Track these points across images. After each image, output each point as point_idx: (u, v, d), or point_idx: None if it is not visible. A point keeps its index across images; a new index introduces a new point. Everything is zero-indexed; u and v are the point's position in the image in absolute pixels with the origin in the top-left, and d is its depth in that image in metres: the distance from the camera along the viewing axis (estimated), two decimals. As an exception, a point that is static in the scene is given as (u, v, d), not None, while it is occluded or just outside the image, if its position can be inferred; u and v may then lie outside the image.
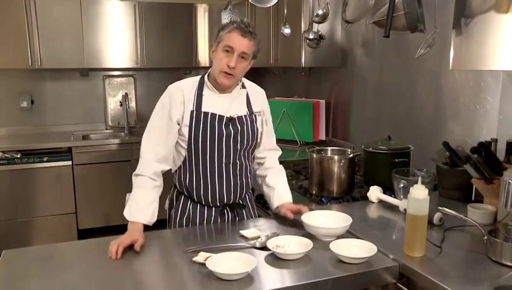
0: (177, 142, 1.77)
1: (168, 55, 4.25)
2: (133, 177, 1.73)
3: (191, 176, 1.79)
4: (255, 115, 1.84)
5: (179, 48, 4.29)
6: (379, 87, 2.77)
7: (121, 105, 4.47)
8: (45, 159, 3.70)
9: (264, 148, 1.95)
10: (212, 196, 1.80)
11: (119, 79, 4.50)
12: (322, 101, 3.35)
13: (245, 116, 1.80)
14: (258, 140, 1.90)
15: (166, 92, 1.77)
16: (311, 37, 2.80)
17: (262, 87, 2.00)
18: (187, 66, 4.42)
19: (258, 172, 1.98)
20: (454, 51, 1.68)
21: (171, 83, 1.82)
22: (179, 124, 1.74)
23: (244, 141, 1.80)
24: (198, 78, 1.80)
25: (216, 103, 1.75)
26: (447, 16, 1.85)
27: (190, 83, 1.78)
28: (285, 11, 2.86)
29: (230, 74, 1.69)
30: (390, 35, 1.89)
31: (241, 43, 1.67)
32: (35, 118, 4.26)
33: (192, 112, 1.73)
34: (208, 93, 1.76)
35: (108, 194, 3.86)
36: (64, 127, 4.34)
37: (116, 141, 3.96)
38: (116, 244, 1.50)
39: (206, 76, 1.79)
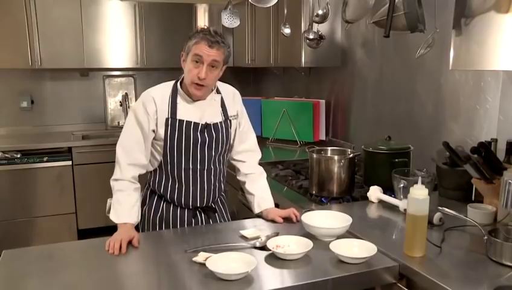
0: (154, 146, 1.79)
1: (168, 55, 4.25)
2: (112, 182, 1.75)
3: (167, 180, 1.82)
4: (230, 121, 1.85)
5: (179, 48, 4.22)
6: (379, 87, 2.77)
7: (121, 105, 4.47)
8: (45, 159, 3.70)
9: (242, 149, 1.94)
10: (185, 199, 1.83)
11: (119, 79, 4.50)
12: (322, 101, 3.35)
13: (220, 122, 1.81)
14: (231, 143, 1.91)
15: (138, 100, 1.78)
16: (311, 37, 2.80)
17: (262, 87, 2.01)
18: (187, 66, 4.42)
19: (238, 177, 1.99)
20: (454, 51, 1.68)
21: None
22: (154, 131, 1.75)
23: (219, 147, 1.82)
24: (171, 84, 1.80)
25: (190, 111, 1.76)
26: (447, 16, 1.85)
27: (163, 90, 1.78)
28: (285, 11, 2.86)
29: (201, 85, 1.69)
30: (390, 35, 1.89)
31: (209, 53, 1.65)
32: (35, 118, 4.26)
33: (167, 119, 1.73)
34: (182, 101, 1.76)
35: (108, 194, 3.84)
36: (64, 127, 4.34)
37: (116, 141, 3.93)
38: (118, 241, 1.52)
39: (178, 83, 1.78)
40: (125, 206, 1.69)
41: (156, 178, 1.84)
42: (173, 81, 1.81)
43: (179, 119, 1.74)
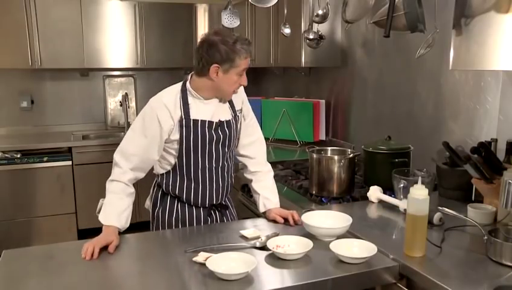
0: (166, 149, 1.77)
1: (168, 55, 4.25)
2: (108, 183, 1.71)
3: (182, 181, 1.81)
4: (238, 116, 1.87)
5: (179, 48, 4.29)
6: (379, 87, 2.77)
7: (121, 105, 4.47)
8: (45, 159, 3.70)
9: (249, 142, 1.94)
10: (202, 198, 1.84)
11: (119, 79, 4.50)
12: (322, 101, 3.35)
13: (231, 119, 1.83)
14: (238, 137, 1.93)
15: (148, 107, 1.73)
16: (311, 37, 2.80)
17: (262, 87, 2.02)
18: (187, 66, 4.41)
19: (245, 174, 1.99)
20: (454, 51, 1.68)
21: (171, 83, 1.82)
22: (166, 139, 1.73)
23: (231, 143, 1.85)
24: (178, 86, 1.77)
25: (203, 110, 1.76)
26: (447, 16, 1.85)
27: (172, 94, 1.75)
28: (285, 11, 2.86)
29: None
30: (390, 35, 1.89)
31: (248, 62, 1.71)
32: (35, 118, 4.26)
33: (181, 120, 1.72)
34: (194, 101, 1.75)
35: (108, 194, 3.85)
36: (64, 127, 4.34)
37: (116, 141, 3.94)
38: (92, 245, 1.49)
39: (188, 84, 1.76)
40: (115, 208, 1.65)
41: (170, 180, 1.81)
42: (177, 84, 1.79)
43: (193, 119, 1.73)
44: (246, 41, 1.68)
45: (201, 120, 1.74)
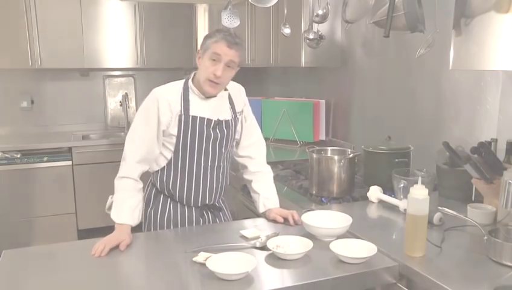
0: (164, 144, 1.78)
1: (168, 55, 4.25)
2: (117, 180, 1.73)
3: (175, 178, 1.81)
4: (238, 118, 1.87)
5: (178, 48, 4.29)
6: (379, 87, 2.77)
7: (121, 105, 4.48)
8: (45, 159, 3.70)
9: (249, 143, 1.96)
10: (195, 196, 1.83)
11: (119, 79, 4.50)
12: (322, 101, 3.35)
13: (231, 120, 1.83)
14: (238, 138, 1.94)
15: (151, 96, 1.75)
16: (311, 37, 2.80)
17: (262, 87, 2.03)
18: (187, 66, 4.40)
19: (244, 175, 1.99)
20: (454, 51, 1.68)
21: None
22: (164, 131, 1.75)
23: (228, 144, 1.85)
24: (181, 82, 1.80)
25: (203, 107, 1.77)
26: (447, 16, 1.85)
27: (175, 89, 1.77)
28: (285, 11, 2.86)
29: (216, 83, 1.70)
30: (390, 35, 1.89)
31: (228, 53, 1.67)
32: (35, 118, 4.26)
33: (180, 116, 1.73)
34: (194, 98, 1.77)
35: (108, 194, 3.83)
36: (64, 127, 4.34)
37: (116, 141, 3.96)
38: (103, 244, 1.51)
39: (190, 81, 1.79)
40: (127, 206, 1.68)
41: (164, 177, 1.82)
42: (182, 80, 1.81)
43: (192, 116, 1.74)
44: (228, 32, 1.69)
45: (200, 117, 1.75)
